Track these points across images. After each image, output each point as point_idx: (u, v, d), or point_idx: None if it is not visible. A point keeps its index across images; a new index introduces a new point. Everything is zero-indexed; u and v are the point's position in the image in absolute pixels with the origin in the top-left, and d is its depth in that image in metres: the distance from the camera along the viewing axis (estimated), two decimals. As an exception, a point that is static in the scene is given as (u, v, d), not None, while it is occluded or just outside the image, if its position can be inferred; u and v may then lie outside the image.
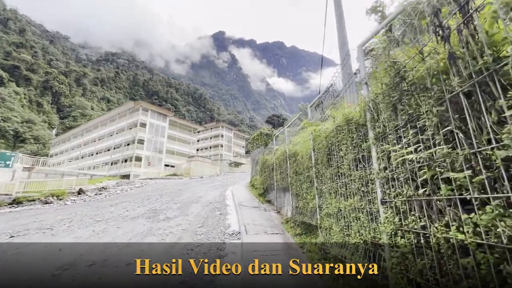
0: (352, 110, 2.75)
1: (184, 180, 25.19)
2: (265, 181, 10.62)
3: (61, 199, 14.67)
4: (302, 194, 5.22)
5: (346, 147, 2.85)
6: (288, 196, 6.93)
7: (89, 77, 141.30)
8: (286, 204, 7.57)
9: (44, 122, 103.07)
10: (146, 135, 35.25)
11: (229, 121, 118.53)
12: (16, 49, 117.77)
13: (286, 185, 7.11)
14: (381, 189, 2.15)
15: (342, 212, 2.94)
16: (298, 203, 5.56)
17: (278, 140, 9.21)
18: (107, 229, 6.42)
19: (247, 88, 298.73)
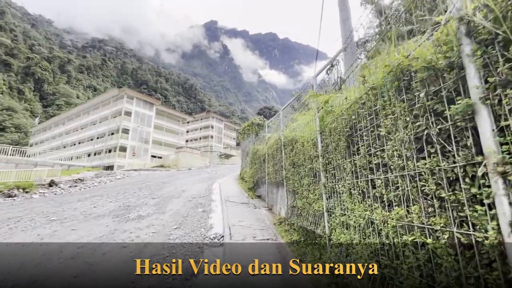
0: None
1: (171, 172, 23.83)
2: (256, 173, 9.50)
3: (28, 191, 13.14)
4: (301, 192, 4.11)
5: (395, 119, 1.77)
6: (282, 192, 5.82)
7: (74, 64, 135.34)
8: (279, 201, 6.47)
9: (26, 110, 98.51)
10: (131, 124, 33.37)
11: (220, 113, 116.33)
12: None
13: (280, 179, 6.00)
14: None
15: (377, 226, 1.82)
16: (296, 202, 4.44)
17: (271, 128, 8.04)
18: (57, 232, 5.15)
19: (239, 79, 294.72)
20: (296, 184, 4.47)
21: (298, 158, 4.38)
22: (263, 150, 8.34)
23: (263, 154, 8.32)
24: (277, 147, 6.33)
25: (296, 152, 4.49)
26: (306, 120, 3.86)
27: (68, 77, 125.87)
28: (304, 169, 3.99)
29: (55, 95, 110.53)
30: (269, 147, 7.40)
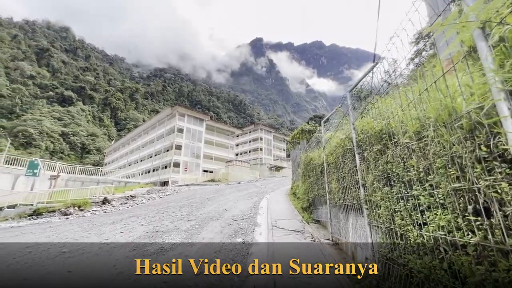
0: None
1: (219, 186, 22.96)
2: (310, 189, 7.28)
3: (83, 209, 13.36)
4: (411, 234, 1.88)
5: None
6: (362, 222, 3.56)
7: (141, 92, 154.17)
8: (352, 234, 4.17)
9: (105, 134, 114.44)
10: (184, 140, 34.47)
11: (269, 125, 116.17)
12: (82, 73, 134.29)
13: (354, 201, 3.76)
14: None
15: None
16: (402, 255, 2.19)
17: (329, 126, 5.85)
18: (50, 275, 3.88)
19: (286, 91, 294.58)
20: (398, 220, 2.24)
21: (400, 168, 2.17)
22: (320, 158, 6.15)
23: (320, 163, 6.13)
24: (344, 152, 4.14)
25: (393, 155, 2.29)
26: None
27: (136, 104, 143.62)
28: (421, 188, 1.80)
29: (126, 120, 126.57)
30: (329, 153, 5.21)
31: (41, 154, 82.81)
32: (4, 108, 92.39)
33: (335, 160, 4.77)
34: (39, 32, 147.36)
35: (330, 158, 5.13)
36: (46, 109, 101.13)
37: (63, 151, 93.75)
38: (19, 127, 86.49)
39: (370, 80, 3.38)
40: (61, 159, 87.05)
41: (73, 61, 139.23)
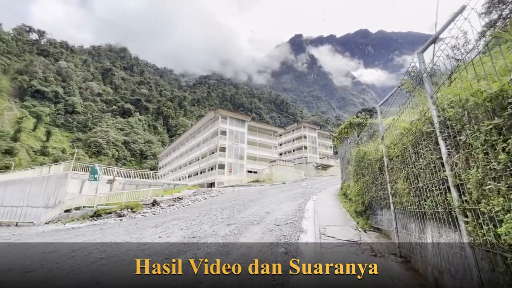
0: None
1: (263, 187, 22.41)
2: (366, 191, 6.04)
3: (135, 211, 14.09)
4: None
5: None
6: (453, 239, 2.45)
7: (188, 100, 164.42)
8: (436, 252, 3.00)
9: (159, 141, 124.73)
10: (227, 142, 35.02)
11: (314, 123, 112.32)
12: (138, 87, 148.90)
13: (437, 208, 2.64)
14: None
15: None
16: None
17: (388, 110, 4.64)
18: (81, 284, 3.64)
19: (330, 86, 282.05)
20: None
21: None
22: (377, 152, 4.95)
23: (377, 158, 4.93)
24: (416, 139, 3.01)
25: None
26: None
27: (184, 111, 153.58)
28: None
29: (176, 127, 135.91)
30: (391, 144, 4.04)
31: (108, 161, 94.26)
32: (80, 123, 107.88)
33: (402, 153, 3.60)
34: (103, 55, 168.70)
35: (393, 151, 3.96)
36: (111, 121, 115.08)
37: (126, 158, 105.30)
38: (91, 138, 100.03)
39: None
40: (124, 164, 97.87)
41: (130, 77, 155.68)
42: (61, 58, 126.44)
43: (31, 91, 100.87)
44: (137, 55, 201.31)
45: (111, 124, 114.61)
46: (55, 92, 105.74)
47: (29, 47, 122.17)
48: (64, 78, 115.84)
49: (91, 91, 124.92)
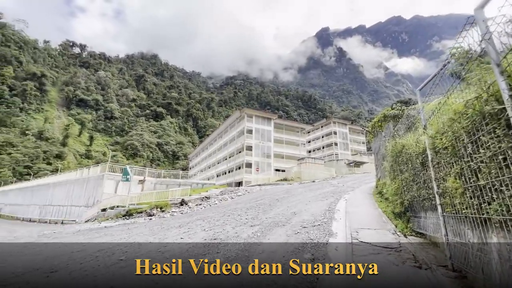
0: None
1: (291, 186, 21.77)
2: (405, 189, 5.24)
3: (164, 210, 14.42)
4: None
5: None
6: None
7: (215, 101, 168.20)
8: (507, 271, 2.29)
9: (189, 142, 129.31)
10: (253, 141, 34.85)
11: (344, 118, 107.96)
12: (168, 91, 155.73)
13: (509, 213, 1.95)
14: None
15: None
16: None
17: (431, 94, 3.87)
18: None
19: (360, 79, 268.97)
20: None
21: None
22: (419, 145, 4.20)
23: (419, 151, 4.18)
24: (473, 124, 2.33)
25: None
26: None
27: (212, 112, 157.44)
28: None
29: (205, 128, 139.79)
30: (437, 132, 3.33)
31: (144, 162, 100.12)
32: (117, 128, 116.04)
33: (452, 143, 2.89)
34: (136, 63, 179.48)
35: (439, 141, 3.24)
36: (145, 125, 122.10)
37: (159, 159, 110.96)
38: (128, 141, 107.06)
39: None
40: (158, 165, 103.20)
41: (161, 82, 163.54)
42: (100, 69, 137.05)
43: (76, 100, 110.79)
44: (167, 61, 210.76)
45: (145, 127, 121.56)
46: (96, 100, 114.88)
47: (72, 60, 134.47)
48: (103, 87, 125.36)
49: (126, 97, 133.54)
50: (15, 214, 28.95)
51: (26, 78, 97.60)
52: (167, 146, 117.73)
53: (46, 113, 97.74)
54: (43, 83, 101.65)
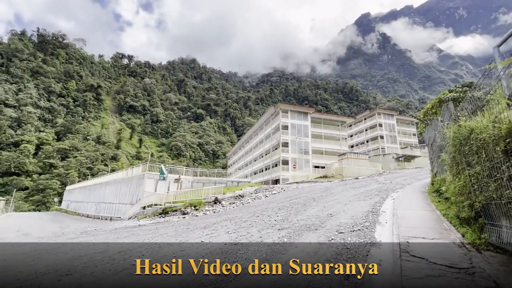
0: None
1: (331, 183, 20.24)
2: (477, 188, 3.88)
3: (197, 209, 14.43)
4: None
5: None
6: None
7: (252, 99, 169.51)
8: None
9: (228, 141, 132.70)
10: (289, 137, 33.68)
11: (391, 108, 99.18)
12: (207, 93, 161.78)
13: None
14: None
15: None
16: None
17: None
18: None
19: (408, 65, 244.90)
20: None
21: None
22: (501, 125, 2.94)
23: (501, 134, 2.91)
24: None
25: None
26: None
27: (249, 110, 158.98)
28: None
29: (243, 126, 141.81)
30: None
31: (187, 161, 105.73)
32: (163, 130, 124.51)
33: None
34: (177, 68, 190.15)
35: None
36: (187, 126, 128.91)
37: (201, 158, 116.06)
38: (172, 142, 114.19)
39: None
40: (200, 164, 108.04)
41: (200, 84, 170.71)
42: (146, 76, 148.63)
43: (126, 106, 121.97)
44: (205, 64, 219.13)
45: (187, 128, 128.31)
46: (143, 106, 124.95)
47: (122, 71, 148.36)
48: (148, 93, 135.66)
49: (169, 101, 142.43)
50: (78, 210, 32.67)
51: (86, 90, 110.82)
52: (207, 145, 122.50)
53: (103, 119, 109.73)
54: (99, 93, 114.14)
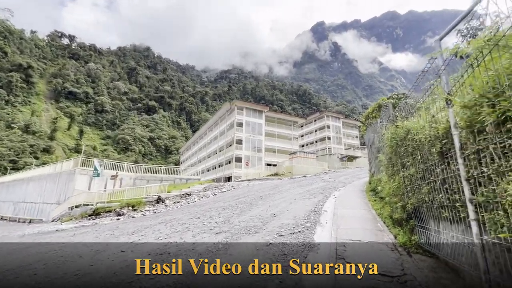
0: None
1: (280, 181, 20.49)
2: (410, 190, 3.91)
3: (135, 209, 12.98)
4: None
5: None
6: None
7: (209, 95, 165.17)
8: None
9: (182, 136, 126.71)
10: (244, 134, 33.41)
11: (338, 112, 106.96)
12: (161, 84, 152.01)
13: None
14: None
15: None
16: None
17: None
18: None
19: (355, 73, 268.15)
20: None
21: None
22: (438, 125, 2.84)
23: (438, 135, 2.83)
24: None
25: None
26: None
27: (206, 106, 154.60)
28: None
29: (199, 122, 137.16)
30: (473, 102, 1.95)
31: (135, 156, 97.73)
32: (108, 121, 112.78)
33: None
34: (128, 55, 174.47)
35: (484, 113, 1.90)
36: (136, 119, 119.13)
37: (151, 153, 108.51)
38: (119, 135, 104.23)
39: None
40: (150, 160, 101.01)
41: (154, 75, 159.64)
42: (90, 61, 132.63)
43: (65, 92, 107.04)
44: (160, 54, 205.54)
45: (137, 121, 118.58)
46: (86, 93, 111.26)
47: (61, 52, 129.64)
48: (93, 79, 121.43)
49: (118, 90, 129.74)
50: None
51: (12, 70, 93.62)
52: (159, 140, 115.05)
53: (33, 106, 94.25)
54: (30, 75, 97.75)
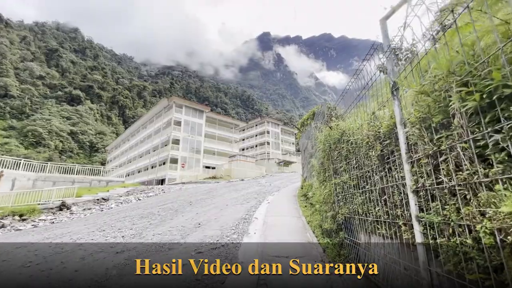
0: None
1: (217, 184, 19.55)
2: (342, 198, 3.59)
3: (25, 219, 10.16)
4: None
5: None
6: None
7: (149, 90, 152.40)
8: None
9: (113, 132, 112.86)
10: (182, 134, 31.28)
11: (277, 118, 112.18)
12: (90, 72, 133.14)
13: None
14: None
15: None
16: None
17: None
18: None
19: (294, 85, 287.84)
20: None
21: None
22: (381, 124, 2.46)
23: (379, 136, 2.45)
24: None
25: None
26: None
27: (144, 102, 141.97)
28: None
29: (133, 118, 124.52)
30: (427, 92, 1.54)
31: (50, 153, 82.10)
32: (14, 109, 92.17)
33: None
34: (49, 34, 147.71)
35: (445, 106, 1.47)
36: (55, 109, 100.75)
37: (72, 150, 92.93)
38: (29, 126, 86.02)
39: None
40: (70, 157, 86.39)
41: (82, 61, 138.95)
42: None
43: None
44: (91, 38, 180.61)
45: (55, 111, 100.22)
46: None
47: None
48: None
49: (30, 72, 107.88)
50: None
51: None
52: (83, 135, 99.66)
53: None
54: None
